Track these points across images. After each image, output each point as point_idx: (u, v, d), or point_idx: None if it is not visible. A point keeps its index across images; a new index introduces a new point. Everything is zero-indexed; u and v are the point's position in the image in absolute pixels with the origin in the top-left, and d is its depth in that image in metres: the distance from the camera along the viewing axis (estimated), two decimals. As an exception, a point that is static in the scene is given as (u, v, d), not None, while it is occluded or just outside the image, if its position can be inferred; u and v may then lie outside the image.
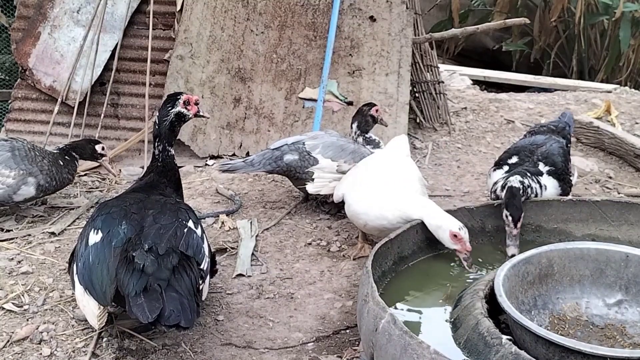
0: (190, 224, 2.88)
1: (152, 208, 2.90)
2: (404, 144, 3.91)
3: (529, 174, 3.52)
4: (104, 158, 4.25)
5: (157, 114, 3.22)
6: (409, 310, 2.70)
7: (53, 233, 3.86)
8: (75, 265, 2.82)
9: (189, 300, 2.56)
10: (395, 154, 3.74)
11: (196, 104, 3.28)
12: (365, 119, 4.22)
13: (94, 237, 2.78)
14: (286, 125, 5.11)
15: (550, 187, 3.59)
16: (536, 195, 3.51)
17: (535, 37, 9.84)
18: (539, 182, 3.55)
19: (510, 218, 3.14)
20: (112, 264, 2.65)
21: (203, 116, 3.36)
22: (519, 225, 3.13)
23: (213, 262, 3.12)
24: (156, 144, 3.23)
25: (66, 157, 4.12)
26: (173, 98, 3.24)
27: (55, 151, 4.13)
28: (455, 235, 2.97)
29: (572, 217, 3.30)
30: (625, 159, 5.21)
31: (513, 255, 2.99)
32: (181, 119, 3.25)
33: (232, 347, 2.90)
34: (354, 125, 4.24)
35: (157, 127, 3.22)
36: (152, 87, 5.33)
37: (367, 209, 3.36)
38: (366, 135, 4.23)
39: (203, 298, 2.86)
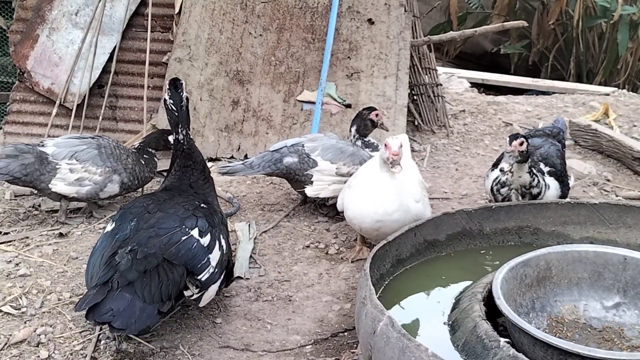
0: (195, 232, 2.87)
1: (164, 211, 2.92)
2: (405, 144, 3.90)
3: (534, 168, 3.56)
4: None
5: (170, 101, 3.24)
6: (407, 312, 2.70)
7: (61, 234, 3.88)
8: None
9: (148, 305, 2.57)
10: None
11: None
12: (365, 123, 4.21)
13: (108, 228, 2.92)
14: (284, 127, 5.12)
15: (552, 187, 3.62)
16: (540, 193, 3.53)
17: (533, 39, 9.86)
18: (544, 180, 3.57)
19: (507, 139, 3.38)
20: (107, 255, 2.73)
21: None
22: (514, 143, 3.33)
23: (230, 273, 3.11)
24: (179, 129, 3.27)
25: (145, 155, 4.18)
26: (178, 83, 3.27)
27: (133, 150, 4.19)
28: (385, 145, 3.17)
29: (570, 220, 3.30)
30: (623, 162, 5.22)
31: (502, 170, 3.35)
32: (188, 103, 3.31)
33: (230, 349, 2.90)
34: (353, 129, 4.23)
35: (175, 114, 3.24)
36: (150, 90, 5.33)
37: (356, 214, 3.38)
38: (365, 139, 4.23)
39: (201, 305, 2.92)
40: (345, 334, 3.04)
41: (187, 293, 2.81)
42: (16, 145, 3.92)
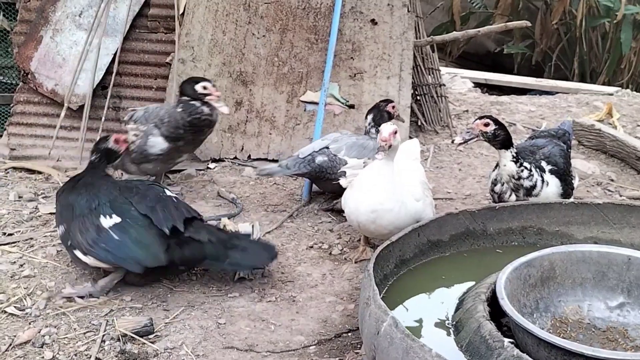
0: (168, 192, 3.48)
1: (133, 197, 3.39)
2: (413, 148, 3.96)
3: (533, 164, 3.56)
4: (208, 97, 4.21)
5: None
6: (410, 313, 2.70)
7: None
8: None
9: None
10: (401, 157, 3.76)
11: (125, 141, 3.86)
12: (381, 114, 4.36)
13: (114, 220, 3.28)
14: (288, 128, 5.12)
15: (552, 184, 3.61)
16: (534, 187, 3.53)
17: (536, 39, 9.86)
18: (542, 176, 3.57)
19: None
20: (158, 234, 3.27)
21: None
22: (477, 122, 3.56)
23: None
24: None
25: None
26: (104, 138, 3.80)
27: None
28: (379, 131, 3.34)
29: (574, 220, 3.30)
30: (627, 162, 5.21)
31: (453, 141, 3.57)
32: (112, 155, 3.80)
33: (234, 350, 2.90)
34: (369, 117, 4.36)
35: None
36: (154, 91, 5.33)
37: (352, 208, 3.41)
38: (379, 128, 4.31)
39: None
40: (349, 334, 3.05)
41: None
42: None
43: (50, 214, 4.21)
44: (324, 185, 4.37)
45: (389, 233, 3.27)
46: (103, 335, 2.93)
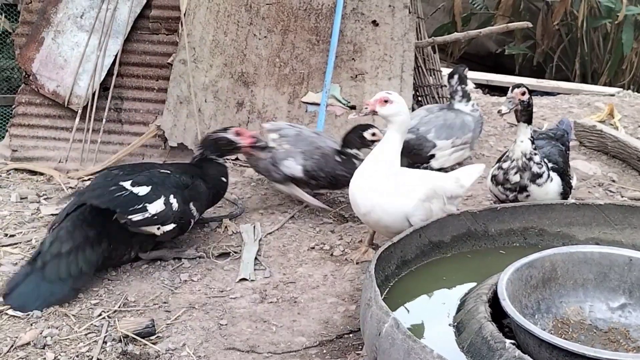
0: (127, 184, 3.45)
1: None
2: (462, 175, 3.71)
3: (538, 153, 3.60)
4: (376, 143, 4.14)
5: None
6: (412, 314, 2.70)
7: None
8: None
9: (54, 285, 3.21)
10: (448, 177, 3.69)
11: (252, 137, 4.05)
12: (465, 74, 4.94)
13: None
14: (289, 129, 5.11)
15: (555, 182, 3.61)
16: (541, 175, 3.52)
17: (537, 40, 9.87)
18: (548, 170, 3.58)
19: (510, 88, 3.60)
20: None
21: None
22: (515, 90, 3.54)
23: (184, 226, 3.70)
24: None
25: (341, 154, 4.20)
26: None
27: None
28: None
29: (576, 221, 3.30)
30: (628, 163, 5.21)
31: (500, 112, 3.54)
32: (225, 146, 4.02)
33: (236, 351, 2.90)
34: (455, 77, 4.90)
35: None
36: (155, 92, 5.34)
37: (354, 191, 3.43)
38: (464, 86, 4.84)
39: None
40: (351, 335, 3.05)
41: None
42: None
43: (52, 215, 4.22)
44: (414, 159, 4.60)
45: (378, 219, 3.34)
46: (104, 337, 2.93)
